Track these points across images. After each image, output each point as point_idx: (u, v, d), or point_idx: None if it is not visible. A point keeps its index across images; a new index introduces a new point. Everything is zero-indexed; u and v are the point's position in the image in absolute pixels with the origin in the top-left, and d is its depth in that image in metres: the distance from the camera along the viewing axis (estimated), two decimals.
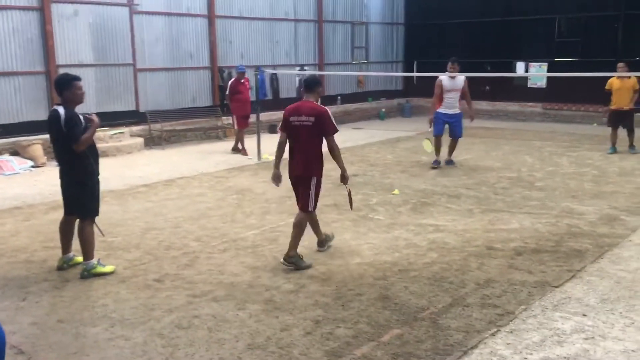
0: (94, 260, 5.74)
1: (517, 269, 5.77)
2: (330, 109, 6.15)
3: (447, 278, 5.57)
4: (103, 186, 6.17)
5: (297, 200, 6.20)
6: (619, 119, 12.05)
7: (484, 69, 18.96)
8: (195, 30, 14.64)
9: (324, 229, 6.65)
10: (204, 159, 12.29)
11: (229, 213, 8.00)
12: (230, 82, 12.72)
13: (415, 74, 19.51)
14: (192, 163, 11.74)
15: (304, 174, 5.99)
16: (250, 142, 12.76)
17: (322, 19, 17.72)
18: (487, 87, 19.20)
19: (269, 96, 16.43)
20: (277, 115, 16.51)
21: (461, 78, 10.91)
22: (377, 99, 19.97)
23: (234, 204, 8.49)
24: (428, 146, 11.22)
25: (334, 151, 5.93)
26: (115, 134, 12.75)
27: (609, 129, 12.34)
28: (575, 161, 11.52)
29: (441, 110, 11.01)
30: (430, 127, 11.20)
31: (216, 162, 11.82)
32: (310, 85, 6.10)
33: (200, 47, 14.78)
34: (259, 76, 15.87)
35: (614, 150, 12.12)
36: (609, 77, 11.94)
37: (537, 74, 17.83)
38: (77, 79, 5.71)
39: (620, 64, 11.66)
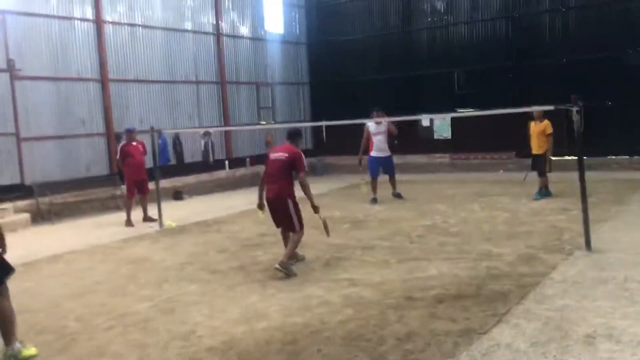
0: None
1: (440, 318, 5.23)
2: (238, 171, 6.50)
3: (364, 335, 4.94)
4: None
5: (278, 226, 7.54)
6: (532, 163, 11.99)
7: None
8: (87, 95, 13.75)
9: (229, 293, 5.91)
10: (98, 231, 11.20)
11: (120, 286, 7.07)
12: (120, 145, 11.75)
13: (324, 123, 19.30)
14: (84, 236, 10.63)
15: (279, 196, 7.17)
16: (152, 209, 11.88)
17: (225, 80, 17.31)
18: (396, 142, 19.25)
19: (172, 161, 15.61)
20: (182, 180, 15.75)
21: (385, 123, 12.35)
22: None
23: (127, 275, 7.56)
24: (364, 188, 12.63)
25: (305, 186, 7.22)
26: None
27: (515, 175, 12.26)
28: (487, 206, 11.40)
29: (374, 154, 12.55)
30: (360, 166, 12.69)
31: (112, 233, 10.78)
32: (292, 135, 7.61)
33: (93, 112, 13.87)
34: (159, 139, 15.22)
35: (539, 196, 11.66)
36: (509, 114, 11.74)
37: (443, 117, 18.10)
38: None
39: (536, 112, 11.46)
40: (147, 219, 11.67)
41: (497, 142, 17.30)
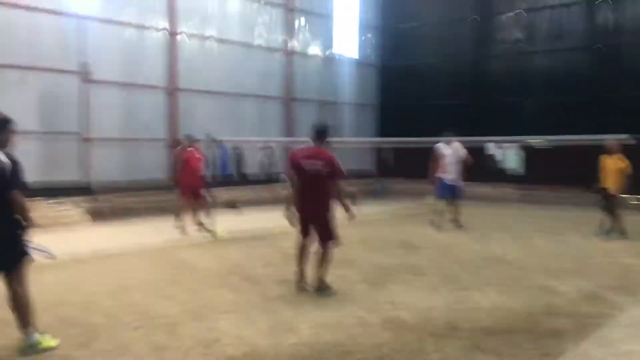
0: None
1: (483, 351, 4.74)
2: None
3: None
4: None
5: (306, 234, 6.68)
6: (603, 200, 11.04)
7: None
8: (154, 102, 14.02)
9: (264, 305, 5.62)
10: (152, 233, 11.22)
11: (158, 288, 6.91)
12: (176, 149, 11.74)
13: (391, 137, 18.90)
14: (137, 237, 10.64)
15: (318, 216, 6.51)
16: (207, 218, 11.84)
17: (291, 97, 17.28)
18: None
19: (232, 172, 15.60)
20: (240, 192, 15.71)
21: (457, 144, 11.98)
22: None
23: (167, 279, 7.41)
24: (430, 207, 12.24)
25: (342, 192, 6.59)
26: (58, 207, 11.75)
27: (594, 213, 11.26)
28: (554, 241, 10.64)
29: (444, 176, 11.87)
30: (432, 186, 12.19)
31: (164, 237, 10.74)
32: (320, 132, 6.57)
33: (158, 119, 14.11)
34: (220, 150, 15.27)
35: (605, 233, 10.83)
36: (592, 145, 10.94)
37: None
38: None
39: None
40: (200, 226, 11.59)
41: (571, 177, 16.34)
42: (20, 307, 4.66)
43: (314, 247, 6.81)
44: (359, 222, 7.10)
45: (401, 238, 10.86)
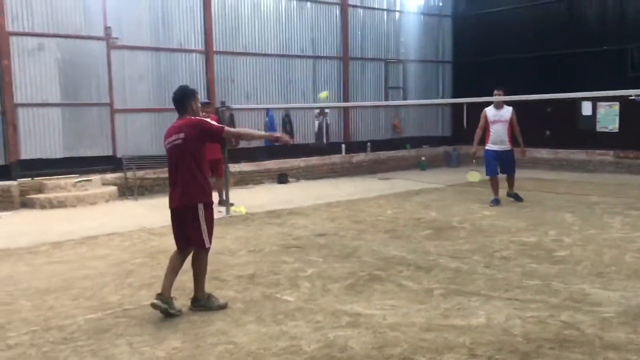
0: None
1: None
2: (356, 157, 4.74)
3: None
4: None
5: (178, 241, 5.16)
6: None
7: (543, 111, 16.13)
8: (189, 67, 13.06)
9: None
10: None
11: (101, 284, 5.96)
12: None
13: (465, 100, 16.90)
14: (147, 217, 9.82)
15: (184, 203, 5.05)
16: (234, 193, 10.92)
17: (348, 55, 15.72)
18: (548, 132, 16.28)
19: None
20: (290, 163, 14.60)
21: (509, 108, 10.18)
22: (419, 147, 17.47)
23: (125, 272, 6.44)
24: (473, 177, 10.71)
25: (239, 136, 5.94)
26: (79, 181, 11.23)
27: None
28: (632, 223, 8.56)
29: (490, 146, 10.29)
30: (474, 159, 10.80)
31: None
32: (181, 99, 5.20)
33: (194, 85, 13.01)
34: (266, 117, 14.20)
35: None
36: None
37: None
38: None
39: None
40: (223, 202, 10.62)
41: None
42: None
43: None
44: (402, 193, 5.63)
45: (439, 216, 9.26)
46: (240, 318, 4.90)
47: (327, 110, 15.27)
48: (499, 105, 10.17)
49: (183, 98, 5.20)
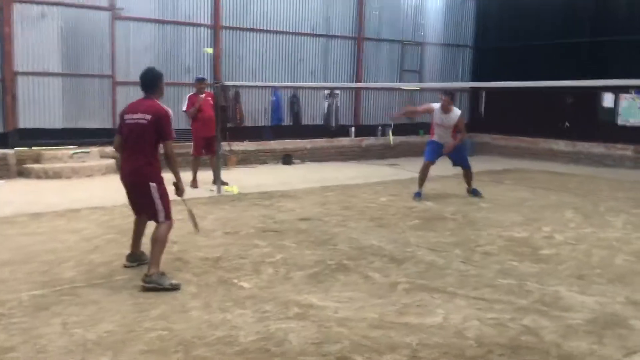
0: None
1: None
2: (366, 141, 4.62)
3: None
4: None
5: (136, 211, 5.55)
6: None
7: (564, 102, 15.53)
8: (196, 42, 12.84)
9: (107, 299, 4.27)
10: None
11: (63, 259, 5.83)
12: (188, 96, 10.48)
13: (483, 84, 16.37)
14: None
15: (138, 180, 5.22)
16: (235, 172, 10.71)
17: (363, 35, 15.30)
18: (567, 124, 15.69)
19: (286, 121, 14.24)
20: (295, 144, 14.34)
21: (457, 113, 9.42)
22: None
23: (92, 247, 6.30)
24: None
25: (170, 158, 5.19)
26: (76, 153, 11.17)
27: None
28: (636, 222, 8.10)
29: (435, 139, 9.78)
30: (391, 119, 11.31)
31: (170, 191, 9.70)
32: (150, 82, 5.30)
33: (200, 60, 12.95)
34: (272, 96, 13.94)
35: None
36: None
37: None
38: None
39: None
40: (215, 181, 10.43)
41: None
42: None
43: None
44: (404, 180, 5.39)
45: (432, 208, 8.94)
46: (188, 303, 4.71)
47: (337, 92, 14.91)
48: (446, 109, 9.30)
49: (154, 79, 5.35)
